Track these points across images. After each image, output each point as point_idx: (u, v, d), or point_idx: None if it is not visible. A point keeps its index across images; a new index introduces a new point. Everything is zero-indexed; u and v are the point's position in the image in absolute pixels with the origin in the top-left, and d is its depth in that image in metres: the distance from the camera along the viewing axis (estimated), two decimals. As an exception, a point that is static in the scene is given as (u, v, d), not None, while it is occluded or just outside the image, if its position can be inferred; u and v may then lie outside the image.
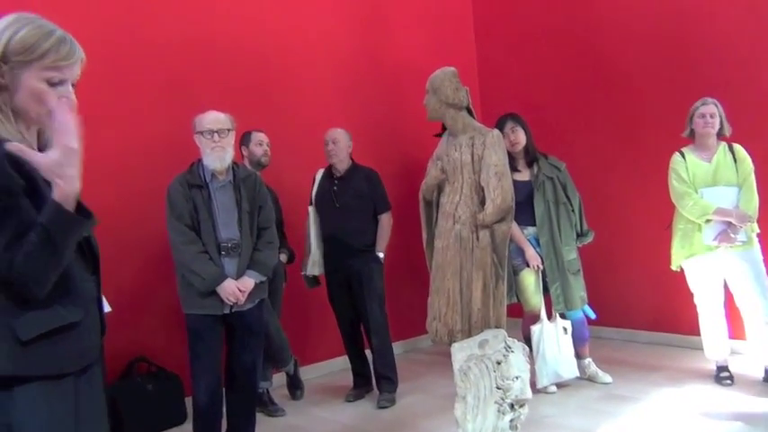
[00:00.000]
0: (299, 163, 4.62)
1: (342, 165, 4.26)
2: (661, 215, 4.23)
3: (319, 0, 5.08)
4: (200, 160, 3.31)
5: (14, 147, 1.37)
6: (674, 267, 4.06)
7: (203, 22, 4.43)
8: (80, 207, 1.45)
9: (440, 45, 5.71)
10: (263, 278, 3.37)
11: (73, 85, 1.56)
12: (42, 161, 1.37)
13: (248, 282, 3.27)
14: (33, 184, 1.45)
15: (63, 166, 1.37)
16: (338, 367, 4.84)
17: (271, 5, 4.78)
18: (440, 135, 4.75)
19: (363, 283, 4.16)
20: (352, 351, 4.38)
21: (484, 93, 5.96)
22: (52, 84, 1.51)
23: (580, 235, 4.19)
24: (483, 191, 3.25)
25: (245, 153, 4.13)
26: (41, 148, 1.61)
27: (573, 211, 4.14)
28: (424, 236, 3.53)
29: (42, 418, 1.46)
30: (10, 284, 1.40)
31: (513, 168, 4.04)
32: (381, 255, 4.25)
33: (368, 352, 4.38)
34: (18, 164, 1.42)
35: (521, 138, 4.14)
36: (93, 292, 1.63)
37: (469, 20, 6.15)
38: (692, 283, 4.01)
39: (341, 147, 4.23)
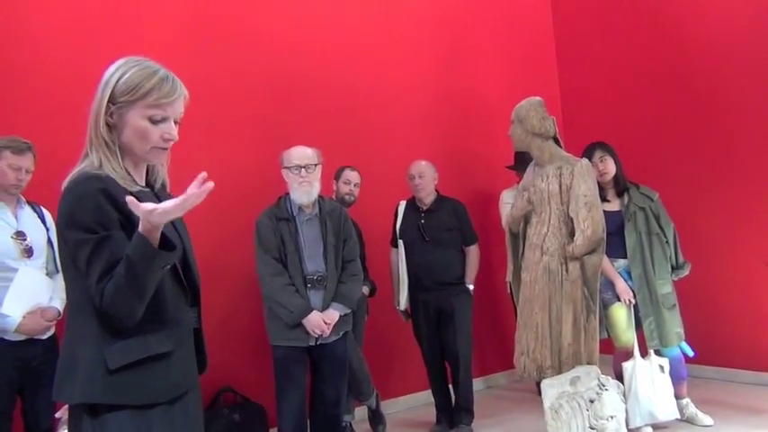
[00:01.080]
0: (382, 197, 4.62)
1: (428, 198, 4.22)
2: (761, 246, 4.00)
3: (403, 36, 5.14)
4: (287, 194, 3.38)
5: (129, 200, 1.40)
6: (778, 302, 3.82)
7: (293, 59, 4.56)
8: (166, 240, 1.48)
9: (521, 75, 5.66)
10: (348, 311, 3.39)
11: (176, 122, 1.62)
12: (141, 208, 1.40)
13: (333, 314, 3.28)
14: (130, 222, 1.51)
15: (155, 217, 1.40)
16: (420, 402, 4.76)
17: (357, 43, 4.88)
18: (511, 167, 4.71)
19: (454, 315, 4.08)
20: (437, 385, 4.28)
21: (567, 122, 5.85)
22: (154, 121, 1.57)
23: (675, 268, 3.99)
24: (572, 222, 3.18)
25: (334, 187, 4.21)
26: (150, 184, 1.68)
27: (667, 242, 3.95)
28: (510, 268, 3.47)
29: None
30: (105, 314, 1.47)
31: (603, 198, 3.91)
32: (471, 287, 4.18)
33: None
34: (114, 198, 1.49)
35: (610, 167, 4.01)
36: (190, 324, 1.66)
37: (551, 49, 6.08)
38: (801, 319, 3.75)
39: (427, 180, 4.19)
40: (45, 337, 2.94)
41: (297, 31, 4.62)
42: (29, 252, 2.93)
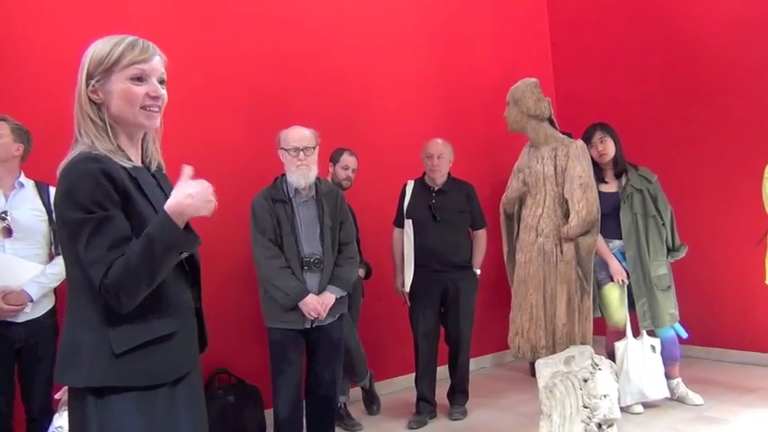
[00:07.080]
0: (377, 179, 4.61)
1: (441, 179, 4.17)
2: (753, 228, 4.03)
3: (399, 17, 5.11)
4: (283, 175, 3.35)
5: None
6: (768, 282, 3.85)
7: (286, 38, 4.51)
8: (187, 228, 1.51)
9: (516, 56, 5.65)
10: (344, 293, 3.38)
11: (162, 83, 1.63)
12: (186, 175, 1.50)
13: (329, 297, 3.28)
14: (128, 199, 1.52)
15: (196, 193, 1.50)
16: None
17: (352, 23, 4.84)
18: None
19: (460, 299, 4.09)
20: (425, 372, 4.18)
21: (561, 104, 5.84)
22: (136, 82, 1.57)
23: (672, 250, 4.02)
24: (567, 203, 3.18)
25: (330, 170, 4.15)
26: (145, 165, 1.67)
27: (663, 224, 3.97)
28: (505, 249, 3.47)
29: (138, 428, 1.50)
30: (104, 293, 1.45)
31: (601, 180, 3.95)
32: (478, 271, 4.19)
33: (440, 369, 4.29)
34: (113, 178, 1.49)
35: (610, 148, 4.01)
36: (190, 304, 1.67)
37: (545, 30, 6.05)
38: (790, 299, 3.79)
39: (445, 161, 4.14)
40: (21, 320, 2.88)
41: (290, 9, 4.57)
42: (8, 232, 2.88)
